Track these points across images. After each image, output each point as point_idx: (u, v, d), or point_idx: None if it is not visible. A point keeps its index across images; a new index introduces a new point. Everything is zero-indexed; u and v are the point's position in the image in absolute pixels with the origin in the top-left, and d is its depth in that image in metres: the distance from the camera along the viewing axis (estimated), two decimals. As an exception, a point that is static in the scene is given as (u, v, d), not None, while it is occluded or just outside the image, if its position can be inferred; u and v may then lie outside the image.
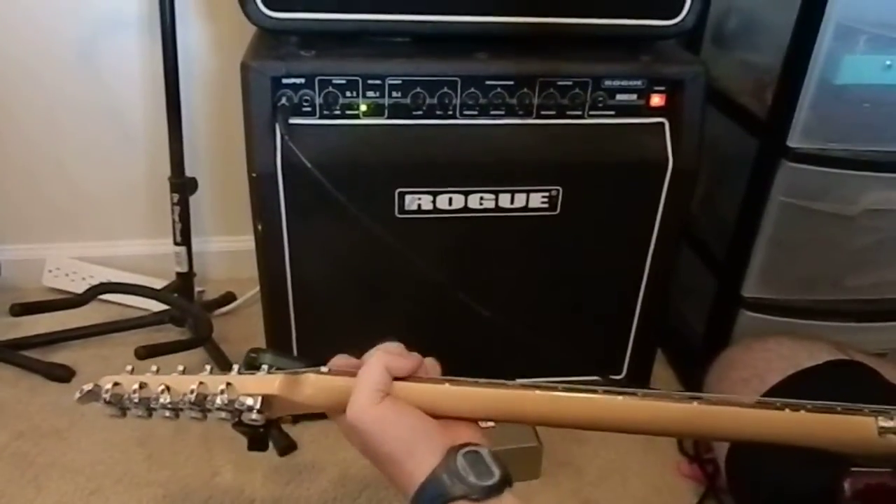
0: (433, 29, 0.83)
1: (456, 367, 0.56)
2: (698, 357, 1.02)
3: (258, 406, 0.50)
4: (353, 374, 0.51)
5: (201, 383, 0.52)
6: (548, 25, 0.84)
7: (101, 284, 1.20)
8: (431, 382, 0.52)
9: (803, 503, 0.67)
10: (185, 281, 1.20)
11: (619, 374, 1.07)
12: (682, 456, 1.01)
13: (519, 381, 0.51)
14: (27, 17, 1.15)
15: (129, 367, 0.54)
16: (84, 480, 0.94)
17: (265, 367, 0.53)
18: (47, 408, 1.06)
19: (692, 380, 1.09)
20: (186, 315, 1.20)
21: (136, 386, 0.52)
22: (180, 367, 0.54)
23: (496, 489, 0.45)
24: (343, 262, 0.91)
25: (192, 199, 1.15)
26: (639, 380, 1.07)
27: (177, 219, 1.14)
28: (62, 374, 1.12)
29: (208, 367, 0.54)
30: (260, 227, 0.88)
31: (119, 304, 1.28)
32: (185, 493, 0.93)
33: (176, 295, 1.19)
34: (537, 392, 0.50)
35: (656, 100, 0.88)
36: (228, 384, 0.51)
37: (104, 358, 1.17)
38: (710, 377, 0.90)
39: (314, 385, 0.52)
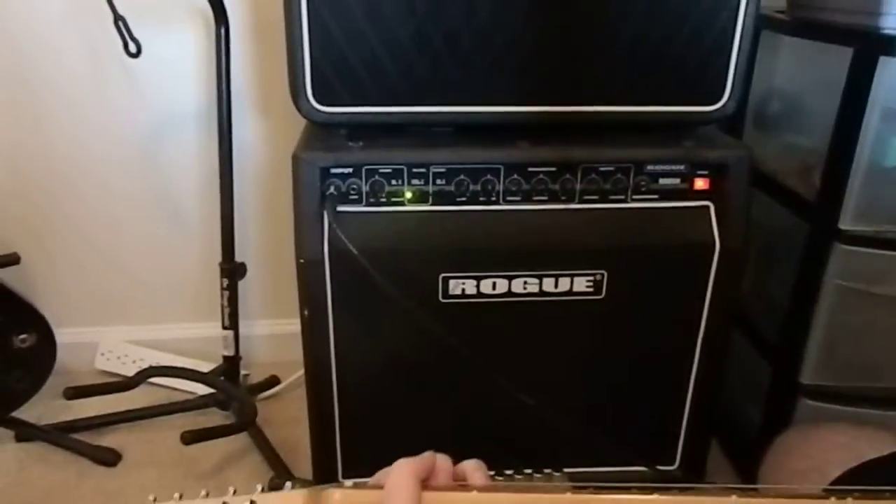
0: (475, 119, 0.85)
1: (500, 456, 0.54)
2: (757, 447, 0.97)
3: None
4: (379, 486, 0.49)
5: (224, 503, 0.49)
6: (589, 114, 0.85)
7: (150, 368, 1.21)
8: (459, 490, 0.49)
9: None
10: (231, 364, 1.21)
11: (672, 464, 1.02)
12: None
13: (561, 477, 0.48)
14: (89, 122, 1.22)
15: (151, 497, 0.50)
16: (125, 569, 0.93)
17: (288, 484, 0.51)
18: (93, 492, 1.06)
19: (751, 471, 1.03)
20: (231, 399, 1.20)
21: None
22: (203, 492, 0.51)
23: None
24: (387, 347, 0.91)
25: (240, 284, 1.18)
26: (693, 471, 1.02)
27: (226, 303, 1.17)
28: (109, 458, 1.13)
29: (231, 490, 0.51)
30: (306, 312, 0.89)
31: (166, 386, 1.30)
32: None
33: (222, 378, 1.20)
34: (574, 495, 0.46)
35: (700, 183, 0.87)
36: (252, 502, 0.49)
37: (150, 441, 1.17)
38: (765, 466, 0.85)
39: (341, 500, 0.50)
